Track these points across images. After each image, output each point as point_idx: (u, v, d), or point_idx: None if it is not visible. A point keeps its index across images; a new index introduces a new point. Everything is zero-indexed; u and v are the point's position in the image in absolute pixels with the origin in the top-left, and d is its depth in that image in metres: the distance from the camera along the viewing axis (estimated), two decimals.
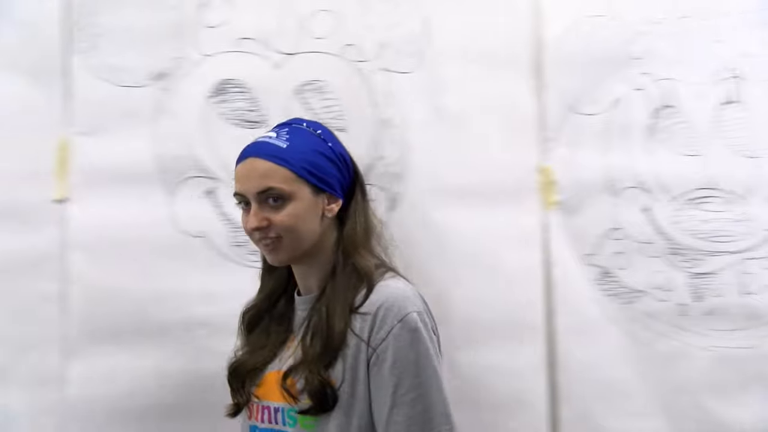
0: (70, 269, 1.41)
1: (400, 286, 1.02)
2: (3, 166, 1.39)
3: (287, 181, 1.00)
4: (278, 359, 1.04)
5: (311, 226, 1.03)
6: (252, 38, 1.46)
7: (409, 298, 0.99)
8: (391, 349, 0.95)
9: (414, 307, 0.98)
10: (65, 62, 1.42)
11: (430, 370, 0.95)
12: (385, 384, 0.95)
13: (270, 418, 1.02)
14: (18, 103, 1.41)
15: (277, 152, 1.01)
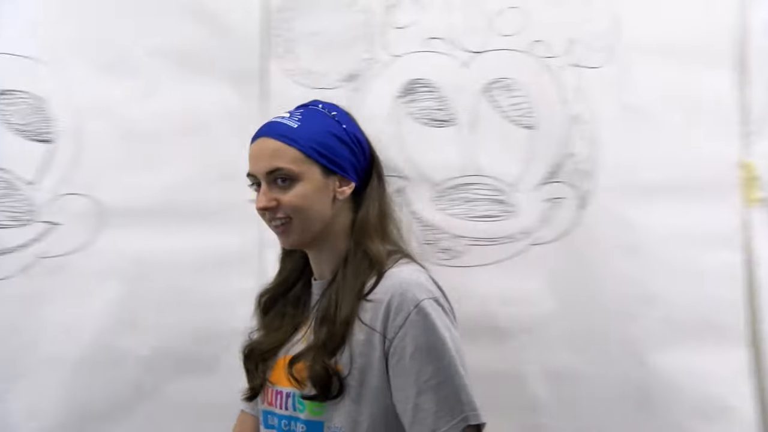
0: (267, 267, 1.55)
1: (412, 272, 1.03)
2: (203, 167, 1.51)
3: (296, 162, 1.03)
4: (290, 343, 1.07)
5: (321, 208, 1.05)
6: (440, 38, 1.55)
7: (422, 284, 1.00)
8: (410, 337, 0.96)
9: (428, 294, 0.99)
10: (263, 66, 1.55)
11: (449, 356, 0.96)
12: (407, 372, 0.95)
13: (282, 404, 1.04)
14: (218, 106, 1.54)
15: (287, 132, 1.04)
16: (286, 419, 1.05)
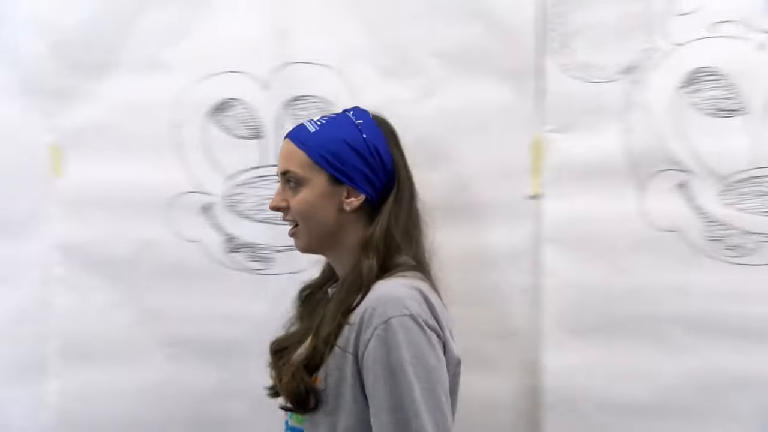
0: (544, 263, 1.68)
1: (396, 286, 1.04)
2: (480, 164, 1.61)
3: (303, 166, 1.10)
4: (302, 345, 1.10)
5: (324, 216, 1.11)
6: (731, 20, 1.55)
7: (399, 299, 1.01)
8: (373, 355, 0.98)
9: (401, 310, 1.00)
10: (538, 62, 1.63)
11: (407, 380, 0.97)
12: (371, 389, 0.99)
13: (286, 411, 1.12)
14: (493, 104, 1.61)
15: (302, 136, 1.12)
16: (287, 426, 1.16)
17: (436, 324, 1.04)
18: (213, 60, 1.62)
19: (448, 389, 1.03)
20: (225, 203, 1.65)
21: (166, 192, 1.64)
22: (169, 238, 1.64)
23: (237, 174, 1.63)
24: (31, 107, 1.63)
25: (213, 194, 1.65)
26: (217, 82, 1.63)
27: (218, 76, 1.63)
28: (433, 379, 1.00)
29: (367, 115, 1.17)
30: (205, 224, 1.65)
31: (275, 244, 1.62)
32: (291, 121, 1.61)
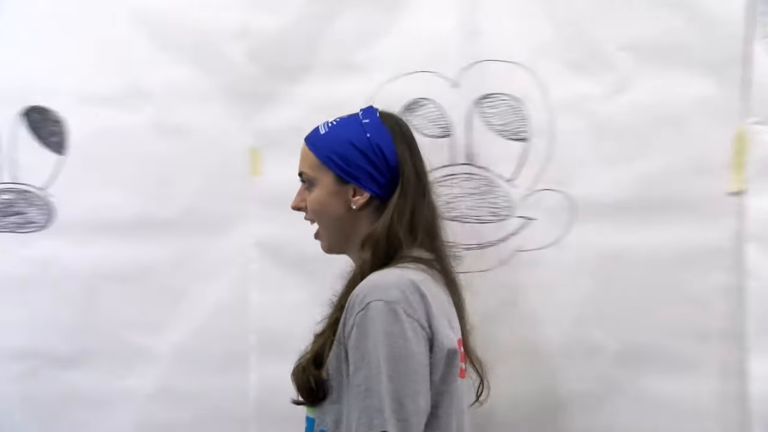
0: (747, 263, 1.61)
1: (385, 274, 1.11)
2: (678, 159, 1.60)
3: (313, 167, 1.23)
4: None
5: (334, 214, 1.23)
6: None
7: (383, 286, 1.08)
8: (352, 338, 1.06)
9: (383, 296, 1.06)
10: (746, 52, 1.59)
11: (377, 365, 1.03)
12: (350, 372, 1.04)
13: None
14: (691, 96, 1.59)
15: (314, 138, 1.25)
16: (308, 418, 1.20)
17: (422, 314, 1.10)
18: (403, 60, 1.70)
19: (423, 377, 1.09)
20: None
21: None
22: None
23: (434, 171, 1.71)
24: (233, 111, 1.76)
25: None
26: (407, 82, 1.71)
27: (409, 76, 1.71)
28: (401, 367, 1.06)
29: (374, 113, 1.26)
30: None
31: (464, 243, 1.68)
32: (480, 119, 1.69)
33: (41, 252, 1.87)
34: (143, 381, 1.84)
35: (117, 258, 1.82)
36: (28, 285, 1.86)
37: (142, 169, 1.79)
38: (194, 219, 1.77)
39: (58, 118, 1.84)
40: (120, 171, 1.81)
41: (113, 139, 1.82)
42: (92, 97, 1.83)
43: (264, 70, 1.76)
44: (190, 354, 1.82)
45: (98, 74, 1.82)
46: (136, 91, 1.81)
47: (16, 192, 1.83)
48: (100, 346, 1.86)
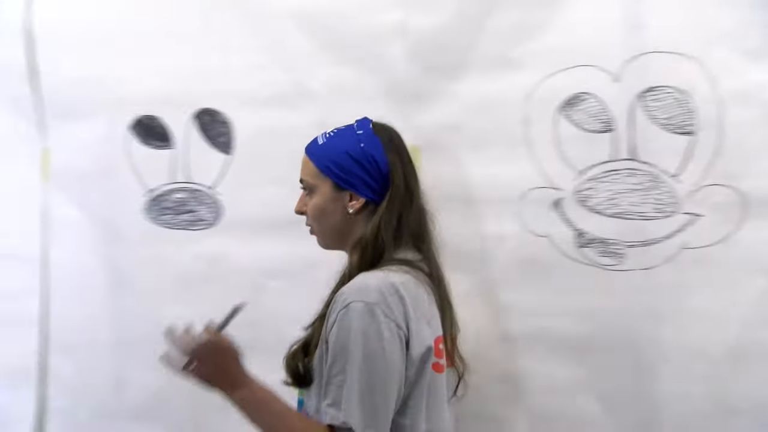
0: None
1: (366, 277, 1.28)
2: None
3: (312, 175, 1.41)
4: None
5: (332, 219, 1.42)
6: None
7: (364, 288, 1.25)
8: (332, 335, 1.24)
9: (362, 297, 1.24)
10: None
11: (354, 361, 1.22)
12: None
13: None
14: None
15: (313, 148, 1.42)
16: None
17: (399, 315, 1.27)
18: (563, 55, 1.73)
19: (395, 373, 1.27)
20: (575, 198, 1.78)
21: (517, 188, 1.79)
22: (520, 233, 1.81)
23: (587, 168, 1.77)
24: (394, 109, 1.82)
25: (563, 189, 1.78)
26: (567, 76, 1.75)
27: (568, 71, 1.75)
28: (374, 363, 1.24)
29: (368, 124, 1.43)
30: (555, 219, 1.79)
31: (626, 240, 1.73)
32: (643, 113, 1.72)
33: (210, 249, 2.02)
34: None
35: (281, 254, 1.93)
36: (199, 281, 2.02)
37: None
38: None
39: (225, 119, 1.98)
40: (284, 169, 1.89)
41: (278, 138, 1.94)
42: (258, 98, 1.97)
43: (422, 69, 1.84)
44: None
45: (264, 76, 1.96)
46: (299, 92, 1.93)
47: (189, 191, 2.01)
48: (265, 342, 1.91)
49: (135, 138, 2.04)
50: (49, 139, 2.16)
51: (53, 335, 2.17)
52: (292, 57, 1.93)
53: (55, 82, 2.11)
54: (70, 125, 2.13)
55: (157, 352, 1.65)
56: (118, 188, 2.07)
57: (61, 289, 2.15)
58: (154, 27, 2.02)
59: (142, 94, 2.03)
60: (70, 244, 2.13)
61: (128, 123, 2.06)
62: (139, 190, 1.96)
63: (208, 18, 1.98)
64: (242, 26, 1.96)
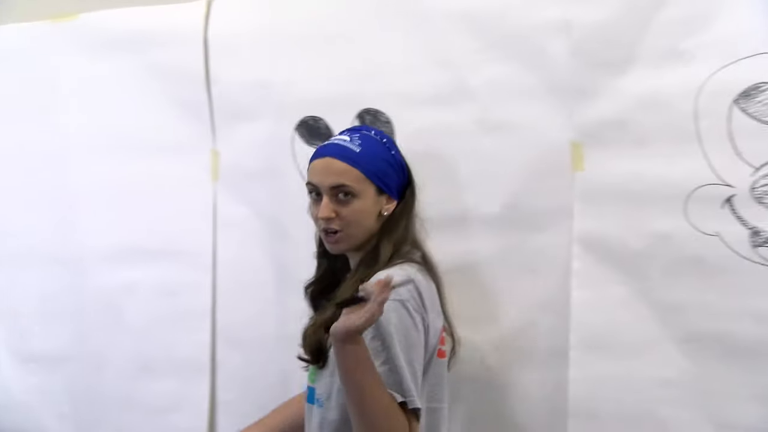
0: None
1: (398, 273, 1.40)
2: None
3: (358, 181, 1.49)
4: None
5: (370, 222, 1.52)
6: None
7: (396, 287, 1.30)
8: (371, 330, 1.33)
9: (396, 296, 1.34)
10: None
11: (395, 348, 1.38)
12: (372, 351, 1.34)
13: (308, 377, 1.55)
14: None
15: (352, 155, 1.50)
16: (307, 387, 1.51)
17: (422, 310, 1.46)
18: (737, 44, 1.67)
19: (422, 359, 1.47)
20: (752, 195, 1.69)
21: (685, 185, 1.73)
22: (687, 231, 1.75)
23: (765, 164, 1.69)
24: (555, 106, 1.82)
25: (735, 186, 1.70)
26: (742, 66, 1.68)
27: (743, 61, 1.68)
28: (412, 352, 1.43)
29: (384, 133, 1.60)
30: (726, 217, 1.72)
31: None
32: None
33: None
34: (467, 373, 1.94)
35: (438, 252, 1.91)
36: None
37: (464, 165, 1.94)
38: (515, 214, 1.87)
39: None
40: (442, 168, 1.94)
41: (437, 137, 1.97)
42: (418, 97, 2.00)
43: (586, 65, 1.81)
44: (510, 349, 1.92)
45: (424, 75, 1.99)
46: (459, 90, 1.94)
47: None
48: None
49: (300, 138, 2.10)
50: (218, 140, 2.26)
51: (222, 330, 2.28)
52: (452, 55, 1.95)
53: (225, 87, 2.23)
54: (238, 127, 2.24)
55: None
56: (283, 187, 2.15)
57: (229, 284, 2.26)
58: (318, 31, 2.10)
59: (307, 96, 2.11)
60: (238, 241, 2.24)
61: (293, 124, 2.13)
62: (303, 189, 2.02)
63: (371, 20, 2.04)
64: (404, 26, 2.00)
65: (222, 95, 2.16)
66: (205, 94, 2.16)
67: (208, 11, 2.21)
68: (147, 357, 2.37)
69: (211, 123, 2.19)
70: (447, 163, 1.87)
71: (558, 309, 1.86)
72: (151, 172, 2.22)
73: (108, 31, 2.41)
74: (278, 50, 2.14)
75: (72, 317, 2.36)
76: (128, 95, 2.36)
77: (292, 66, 2.13)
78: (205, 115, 2.17)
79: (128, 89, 2.36)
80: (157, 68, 2.21)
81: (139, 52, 2.33)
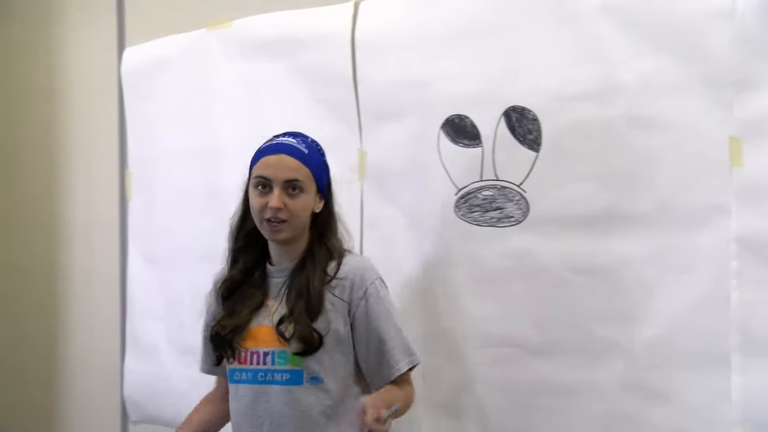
0: None
1: (362, 259, 1.82)
2: None
3: (306, 178, 1.71)
4: (261, 317, 1.74)
5: (307, 216, 1.75)
6: None
7: (372, 268, 1.78)
8: (371, 304, 1.73)
9: (377, 275, 1.77)
10: None
11: (395, 318, 1.77)
12: (372, 328, 1.74)
13: (259, 361, 1.74)
14: None
15: (302, 155, 1.73)
16: (263, 372, 1.76)
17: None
18: None
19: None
20: None
21: None
22: None
23: None
24: (712, 99, 1.75)
25: None
26: None
27: None
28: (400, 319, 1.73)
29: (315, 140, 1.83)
30: None
31: None
32: None
33: (517, 246, 2.07)
34: (612, 374, 1.93)
35: (588, 251, 1.93)
36: (505, 277, 2.08)
37: (614, 162, 1.90)
38: (670, 213, 1.82)
39: (534, 116, 2.02)
40: (592, 165, 1.92)
41: (586, 133, 1.94)
42: (566, 94, 1.97)
43: (750, 55, 1.75)
44: (664, 350, 1.86)
45: (572, 71, 1.97)
46: (609, 85, 1.91)
47: (497, 188, 2.07)
48: (569, 338, 1.98)
49: (445, 137, 2.13)
50: (365, 140, 2.34)
51: None
52: (602, 49, 1.92)
53: (372, 87, 2.29)
54: (384, 127, 2.28)
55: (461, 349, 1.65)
56: (429, 186, 2.18)
57: None
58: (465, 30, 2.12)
59: (453, 95, 2.13)
60: (384, 239, 2.30)
61: (439, 123, 2.16)
62: (449, 188, 2.04)
63: (518, 16, 2.04)
64: (551, 21, 1.99)
65: (369, 95, 2.20)
66: (352, 95, 2.20)
67: (355, 13, 2.26)
68: None
69: (358, 123, 2.22)
70: (597, 160, 1.84)
71: (716, 310, 1.80)
72: None
73: (259, 36, 2.53)
74: (425, 49, 2.17)
75: None
76: (278, 97, 2.47)
77: (438, 65, 2.15)
78: (352, 115, 2.21)
79: (278, 92, 2.47)
80: (306, 70, 2.29)
81: (289, 55, 2.42)
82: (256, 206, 1.72)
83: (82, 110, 3.05)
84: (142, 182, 2.85)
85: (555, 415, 2.02)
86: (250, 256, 1.80)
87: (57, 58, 3.08)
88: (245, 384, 1.76)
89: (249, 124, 2.51)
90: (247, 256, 1.80)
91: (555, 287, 2.00)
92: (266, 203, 1.69)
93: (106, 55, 2.92)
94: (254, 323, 1.75)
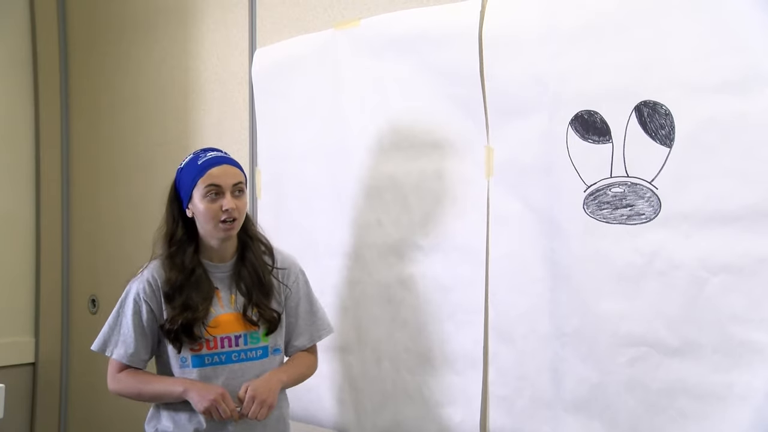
0: None
1: (287, 252, 2.33)
2: None
3: (244, 182, 2.12)
4: (218, 306, 2.20)
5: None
6: None
7: (295, 257, 2.34)
8: (302, 285, 2.38)
9: (299, 262, 2.32)
10: None
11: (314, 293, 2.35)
12: (302, 304, 2.37)
13: (231, 343, 2.22)
14: None
15: (237, 164, 2.20)
16: (237, 352, 2.23)
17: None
18: None
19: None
20: None
21: None
22: None
23: None
24: None
25: None
26: None
27: None
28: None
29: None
30: None
31: None
32: None
33: (648, 244, 2.07)
34: (755, 379, 1.90)
35: (726, 250, 1.91)
36: (636, 275, 2.09)
37: (757, 158, 1.89)
38: None
39: (667, 110, 2.02)
40: (730, 161, 1.89)
41: (725, 127, 1.91)
42: (701, 87, 1.95)
43: None
44: None
45: (707, 62, 1.94)
46: (751, 76, 1.86)
47: (627, 185, 2.09)
48: (706, 339, 1.97)
49: (575, 134, 2.15)
50: (492, 137, 2.38)
51: (494, 325, 2.40)
52: (745, 37, 1.87)
53: (499, 83, 2.33)
54: (512, 123, 2.33)
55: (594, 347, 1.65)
56: (557, 183, 2.20)
57: (502, 279, 2.36)
58: (595, 23, 2.13)
59: (582, 90, 2.15)
60: (511, 236, 2.34)
61: (568, 119, 2.18)
62: (578, 185, 2.07)
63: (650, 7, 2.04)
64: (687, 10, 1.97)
65: (496, 92, 2.22)
66: (479, 92, 2.24)
67: (483, 8, 2.30)
68: (421, 350, 2.55)
69: (485, 120, 2.25)
70: (737, 155, 1.82)
71: None
72: (427, 169, 2.37)
73: (387, 34, 2.60)
74: (552, 44, 2.19)
75: (354, 310, 2.53)
76: (406, 95, 2.54)
77: (567, 60, 2.17)
78: (479, 112, 2.25)
79: (406, 89, 2.55)
80: (434, 67, 2.34)
81: (416, 52, 2.49)
82: (211, 212, 2.11)
83: (215, 110, 3.22)
84: (271, 180, 2.95)
85: (690, 419, 2.02)
86: (184, 258, 2.16)
87: (194, 60, 3.26)
88: (219, 365, 2.17)
89: (377, 122, 2.63)
90: (181, 259, 2.15)
91: (689, 287, 1.99)
92: (220, 207, 2.10)
93: (238, 56, 3.07)
94: (215, 313, 2.16)
